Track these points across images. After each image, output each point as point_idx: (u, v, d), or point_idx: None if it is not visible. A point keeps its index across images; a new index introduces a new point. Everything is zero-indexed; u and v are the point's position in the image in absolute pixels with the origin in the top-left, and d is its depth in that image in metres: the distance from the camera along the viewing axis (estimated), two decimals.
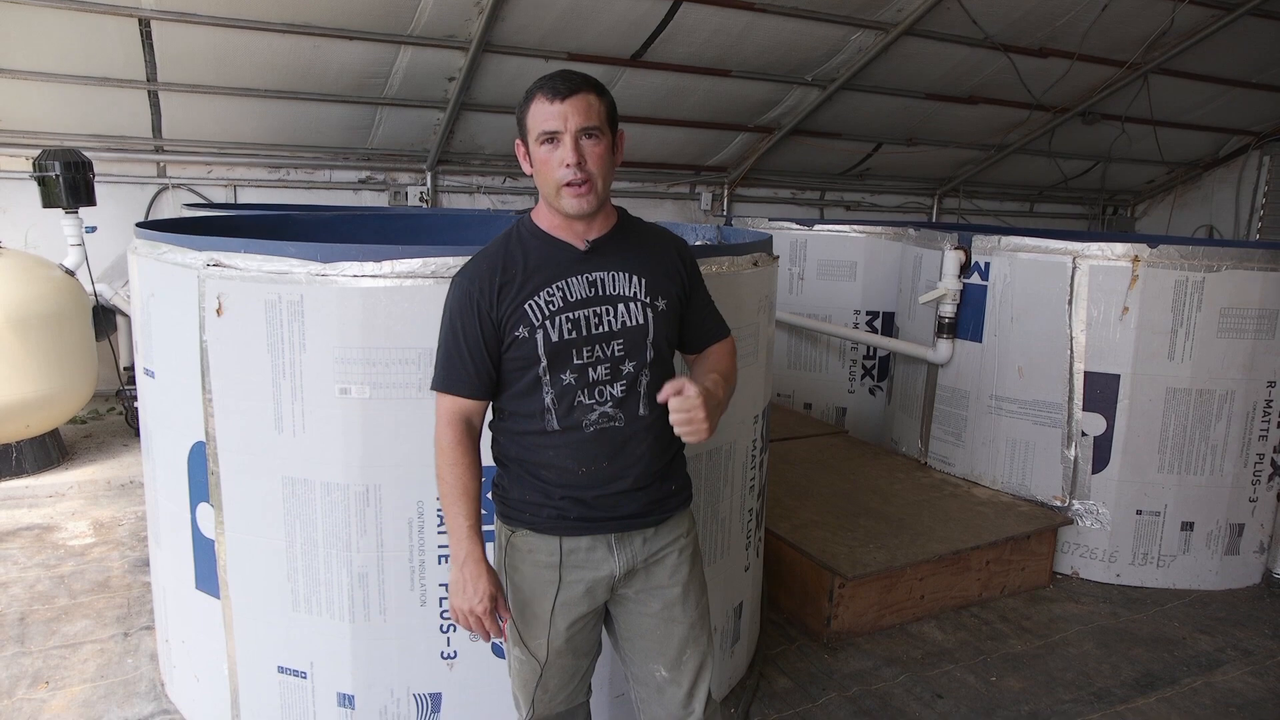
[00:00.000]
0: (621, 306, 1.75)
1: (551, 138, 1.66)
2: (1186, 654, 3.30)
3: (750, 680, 2.94)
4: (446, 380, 1.75)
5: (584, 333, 1.72)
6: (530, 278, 1.72)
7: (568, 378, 1.72)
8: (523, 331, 1.70)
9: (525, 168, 1.75)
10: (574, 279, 1.73)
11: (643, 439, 1.78)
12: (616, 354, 1.74)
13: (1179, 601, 3.74)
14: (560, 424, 1.74)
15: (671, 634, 1.87)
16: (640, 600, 1.86)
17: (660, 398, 1.68)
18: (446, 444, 1.75)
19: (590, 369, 1.73)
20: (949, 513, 3.84)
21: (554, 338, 1.71)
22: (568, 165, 1.65)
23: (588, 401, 1.74)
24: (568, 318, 1.71)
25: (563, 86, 1.65)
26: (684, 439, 1.69)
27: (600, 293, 1.74)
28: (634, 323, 1.75)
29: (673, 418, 1.66)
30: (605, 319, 1.74)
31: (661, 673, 1.89)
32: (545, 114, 1.65)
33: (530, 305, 1.71)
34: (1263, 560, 3.94)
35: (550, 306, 1.71)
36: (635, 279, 1.77)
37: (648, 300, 1.77)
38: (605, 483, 1.77)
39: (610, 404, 1.75)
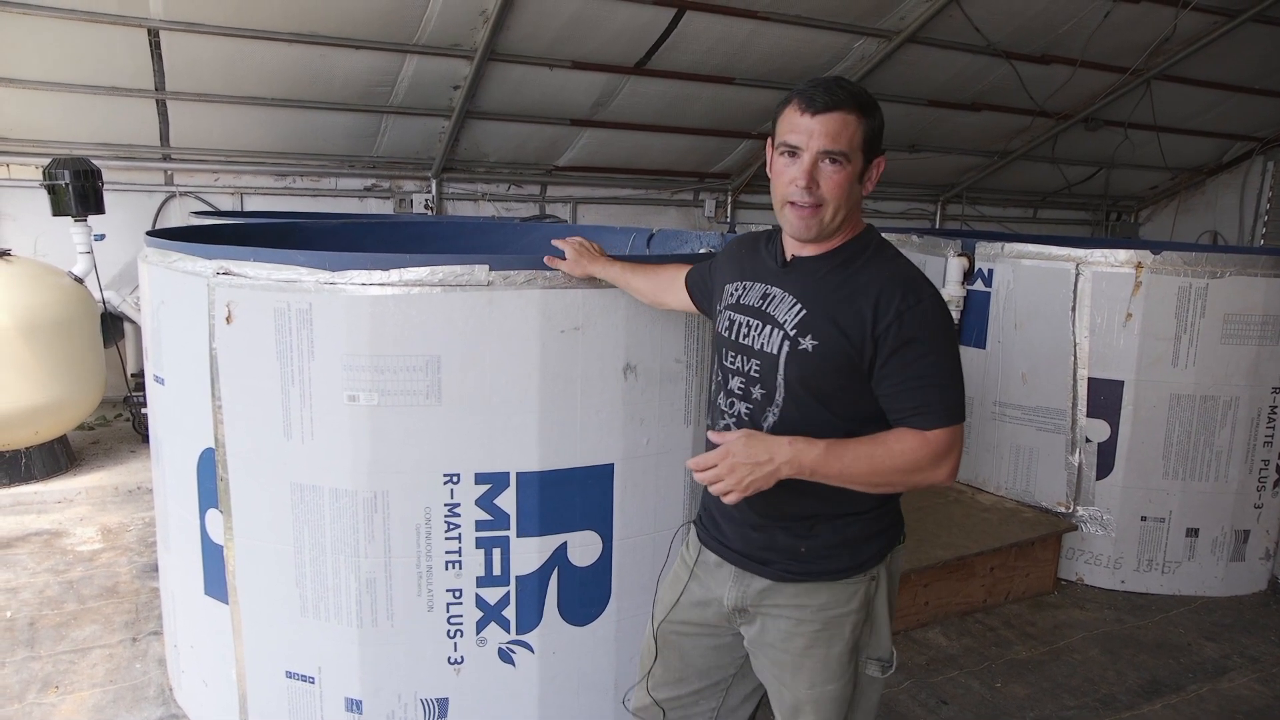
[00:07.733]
0: (768, 329, 1.63)
1: (792, 151, 1.54)
2: (1192, 661, 3.30)
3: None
4: None
5: (732, 337, 1.71)
6: (743, 267, 1.76)
7: (720, 372, 1.74)
8: (718, 305, 1.79)
9: (769, 168, 1.64)
10: (757, 285, 1.70)
11: None
12: (753, 373, 1.65)
13: (1184, 608, 3.74)
14: (708, 413, 1.79)
15: (782, 695, 1.77)
16: (754, 651, 1.80)
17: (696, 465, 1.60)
18: None
19: (731, 375, 1.71)
20: (953, 519, 3.84)
21: (716, 327, 1.78)
22: (798, 185, 1.53)
23: (723, 405, 1.72)
24: (730, 317, 1.73)
25: (821, 99, 1.51)
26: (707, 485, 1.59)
27: (763, 308, 1.66)
28: (770, 350, 1.62)
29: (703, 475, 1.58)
30: (751, 334, 1.66)
31: None
32: (792, 125, 1.54)
33: (725, 288, 1.78)
34: (1269, 567, 3.93)
35: (730, 298, 1.75)
36: (797, 308, 1.61)
37: (793, 334, 1.59)
38: (714, 502, 1.70)
39: (734, 421, 1.69)
